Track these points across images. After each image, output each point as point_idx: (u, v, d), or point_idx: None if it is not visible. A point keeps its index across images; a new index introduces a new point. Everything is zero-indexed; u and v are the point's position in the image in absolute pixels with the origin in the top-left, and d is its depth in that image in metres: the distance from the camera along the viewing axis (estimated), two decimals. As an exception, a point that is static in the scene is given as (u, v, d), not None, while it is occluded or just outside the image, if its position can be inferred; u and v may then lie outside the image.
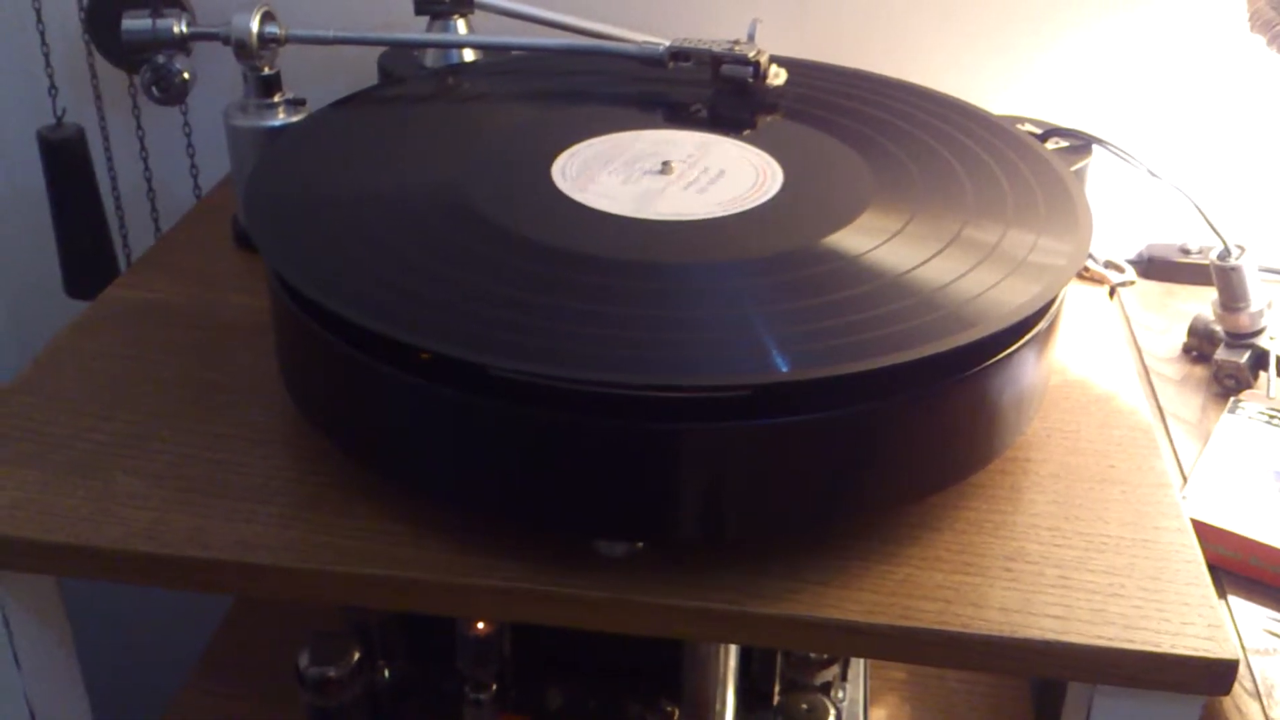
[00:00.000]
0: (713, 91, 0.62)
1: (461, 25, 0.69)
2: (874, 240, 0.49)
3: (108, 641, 0.97)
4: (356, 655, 0.63)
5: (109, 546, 0.46)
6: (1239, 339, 0.63)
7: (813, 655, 0.64)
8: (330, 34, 0.62)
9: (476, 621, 0.63)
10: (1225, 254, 0.62)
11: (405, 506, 0.47)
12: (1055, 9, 0.75)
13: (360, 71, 0.77)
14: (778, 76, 0.61)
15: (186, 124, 0.83)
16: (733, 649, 0.61)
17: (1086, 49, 0.76)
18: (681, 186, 0.53)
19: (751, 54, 0.60)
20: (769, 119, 0.61)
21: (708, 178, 0.54)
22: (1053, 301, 0.48)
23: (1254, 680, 0.48)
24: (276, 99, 0.62)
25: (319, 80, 0.78)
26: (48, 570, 0.49)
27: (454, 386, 0.42)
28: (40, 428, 0.52)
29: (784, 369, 0.42)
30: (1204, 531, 0.51)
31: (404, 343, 0.43)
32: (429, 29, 0.69)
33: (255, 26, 0.59)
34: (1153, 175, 0.60)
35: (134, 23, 0.61)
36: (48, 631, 0.54)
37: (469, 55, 0.71)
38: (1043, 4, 0.75)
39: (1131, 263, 0.69)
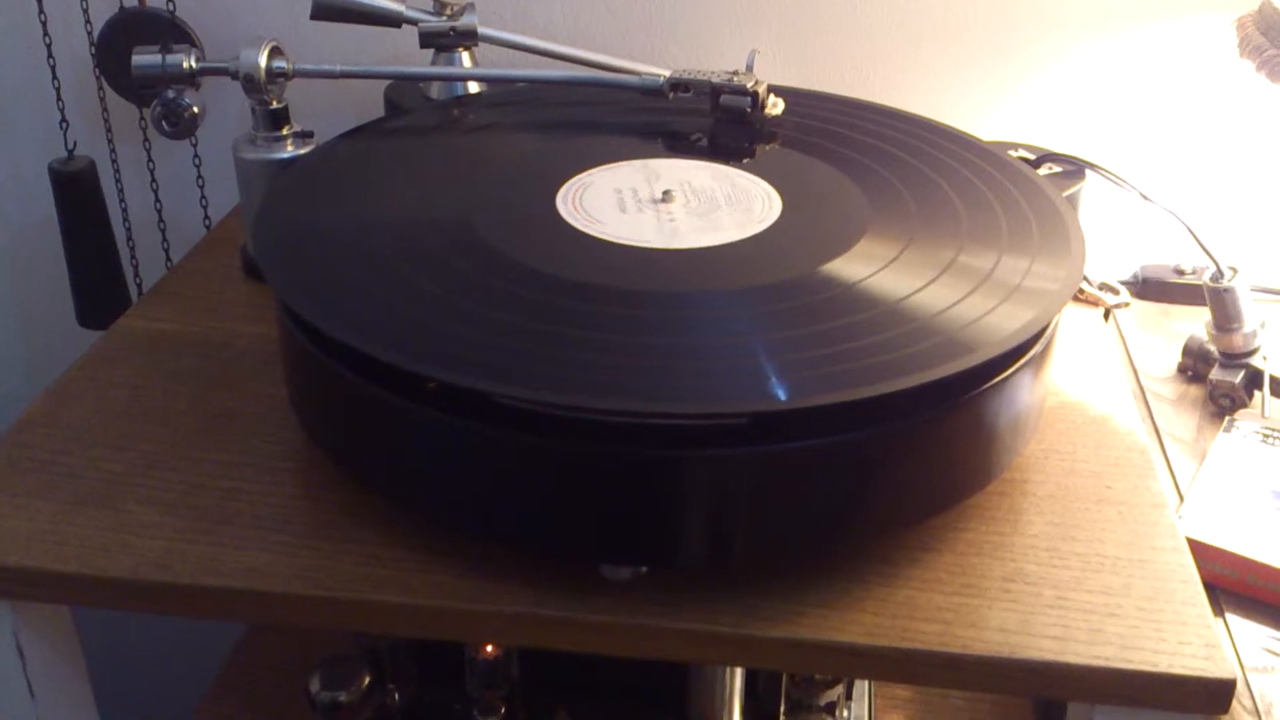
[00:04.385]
0: (712, 121, 0.63)
1: (466, 58, 0.70)
2: (871, 267, 0.50)
3: (121, 669, 0.98)
4: (367, 679, 0.64)
5: (121, 576, 0.47)
6: (1233, 359, 0.64)
7: (817, 675, 0.65)
8: (337, 68, 0.63)
9: (485, 645, 0.63)
10: (1218, 276, 0.63)
11: (413, 533, 0.48)
12: (1047, 36, 0.76)
13: (367, 103, 0.78)
14: (776, 106, 0.62)
15: (196, 156, 0.84)
16: (738, 670, 0.62)
17: (1079, 75, 0.77)
18: (681, 215, 0.54)
19: (750, 84, 0.62)
20: (767, 148, 0.62)
21: (707, 206, 0.55)
22: (1047, 326, 0.49)
23: (1253, 698, 0.48)
24: (284, 132, 0.63)
25: (326, 112, 0.80)
26: (61, 600, 0.50)
27: (459, 415, 0.43)
28: (53, 458, 0.53)
29: (783, 397, 0.43)
30: (1201, 551, 0.52)
31: (410, 372, 0.44)
32: (434, 62, 0.70)
33: (263, 62, 0.61)
34: (1145, 199, 0.61)
35: (144, 58, 0.62)
36: (61, 660, 0.55)
37: (473, 87, 0.72)
38: (1035, 31, 0.76)
39: (1126, 284, 0.70)
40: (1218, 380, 0.64)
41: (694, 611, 0.45)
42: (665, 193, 0.56)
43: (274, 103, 0.62)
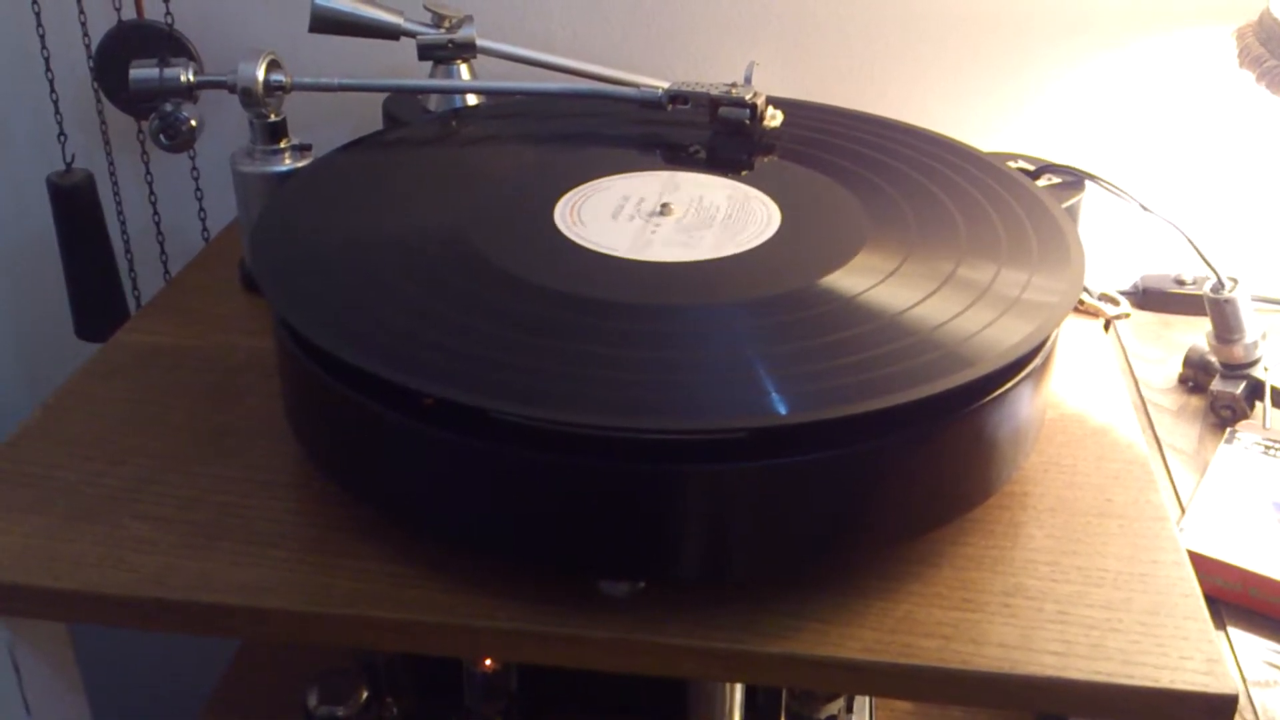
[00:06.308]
0: (711, 133, 0.63)
1: (464, 70, 0.70)
2: (870, 280, 0.50)
3: (118, 684, 0.98)
4: (364, 694, 0.63)
5: (117, 593, 0.46)
6: (1234, 370, 0.64)
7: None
8: (335, 81, 0.63)
9: (484, 658, 0.63)
10: (1218, 287, 0.63)
11: (410, 548, 0.48)
12: (1047, 47, 0.76)
13: (365, 116, 0.78)
14: (774, 118, 0.62)
15: (194, 169, 0.84)
16: (738, 683, 0.61)
17: (1079, 86, 0.77)
18: (680, 228, 0.54)
19: (748, 96, 0.62)
20: (766, 160, 0.61)
21: (706, 219, 0.55)
22: (1047, 338, 0.48)
23: (1255, 713, 0.48)
24: (282, 145, 0.62)
25: (325, 125, 0.79)
26: (56, 616, 0.50)
27: (456, 431, 0.43)
28: (49, 473, 0.53)
29: (783, 411, 0.42)
30: (1202, 563, 0.52)
31: (407, 387, 0.43)
32: (432, 74, 0.70)
33: (261, 75, 0.60)
34: (1145, 209, 0.61)
35: (141, 72, 0.62)
36: (57, 676, 0.54)
37: (472, 99, 0.72)
38: (1034, 42, 0.76)
39: (1126, 294, 0.69)
40: (1219, 391, 0.64)
41: (692, 627, 0.45)
42: (664, 206, 0.55)
43: (272, 116, 0.62)
